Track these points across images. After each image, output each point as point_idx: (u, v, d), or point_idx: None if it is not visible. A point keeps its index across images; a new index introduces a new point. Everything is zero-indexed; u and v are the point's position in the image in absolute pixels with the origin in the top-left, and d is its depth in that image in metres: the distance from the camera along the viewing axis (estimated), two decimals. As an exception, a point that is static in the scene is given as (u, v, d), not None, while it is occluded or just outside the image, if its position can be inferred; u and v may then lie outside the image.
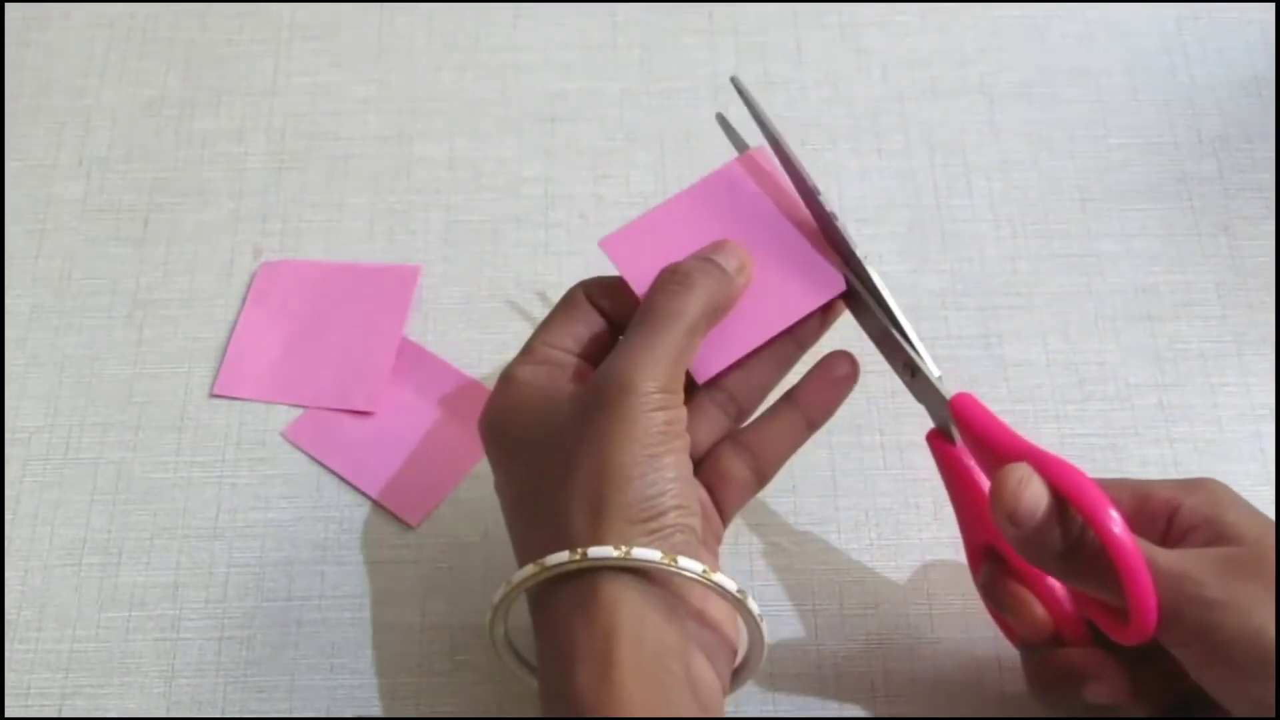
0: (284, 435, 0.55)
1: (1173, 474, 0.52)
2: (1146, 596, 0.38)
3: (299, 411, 0.55)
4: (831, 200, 0.46)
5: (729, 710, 0.48)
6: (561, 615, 0.40)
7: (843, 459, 0.53)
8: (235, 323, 0.57)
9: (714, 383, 0.45)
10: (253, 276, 0.58)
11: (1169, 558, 0.39)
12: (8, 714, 0.49)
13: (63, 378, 0.56)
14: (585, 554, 0.39)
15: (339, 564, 0.52)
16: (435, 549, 0.52)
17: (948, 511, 0.52)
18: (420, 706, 0.49)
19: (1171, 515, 0.42)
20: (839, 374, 0.47)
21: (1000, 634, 0.48)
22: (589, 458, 0.40)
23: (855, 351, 0.47)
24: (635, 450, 0.40)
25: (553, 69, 0.63)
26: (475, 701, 0.49)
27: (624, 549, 0.39)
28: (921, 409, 0.45)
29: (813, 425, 0.47)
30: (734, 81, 0.47)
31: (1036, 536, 0.39)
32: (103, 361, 0.56)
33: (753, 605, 0.42)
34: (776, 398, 0.48)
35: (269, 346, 0.56)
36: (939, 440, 0.45)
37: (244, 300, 0.58)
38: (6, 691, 0.49)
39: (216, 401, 0.55)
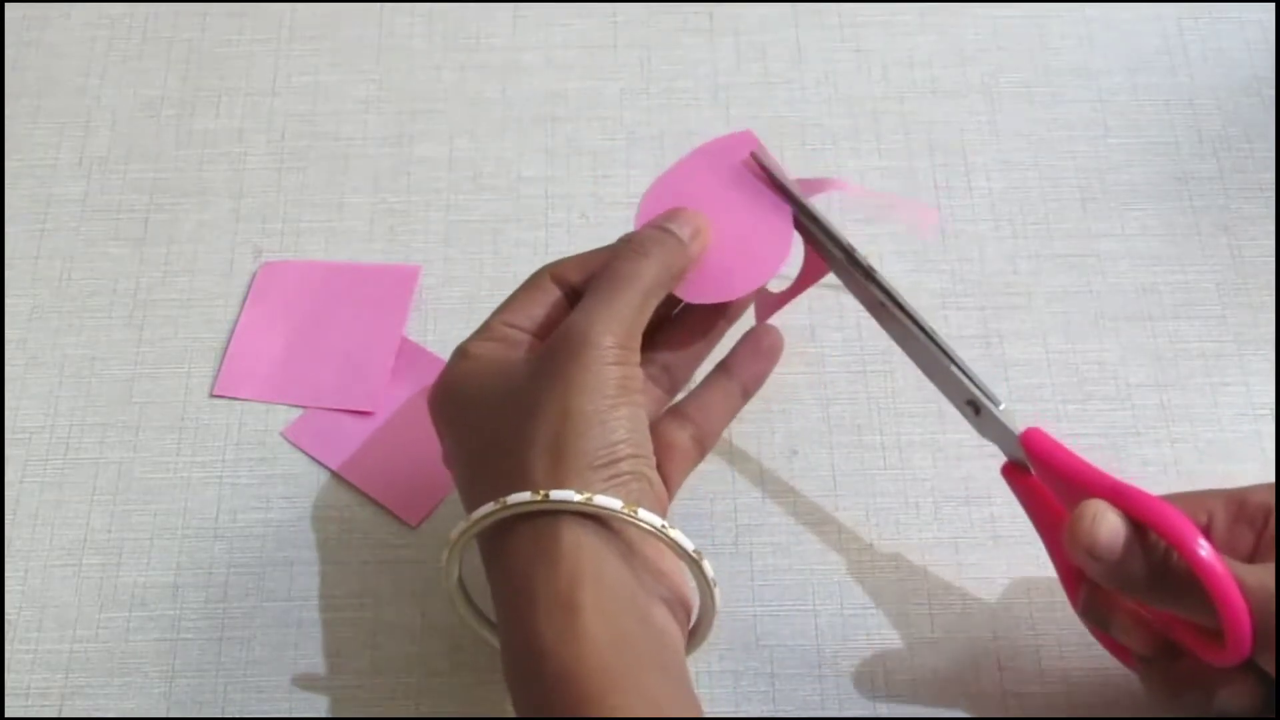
0: (284, 435, 0.55)
1: (1173, 474, 0.52)
2: (1240, 617, 0.38)
3: (299, 411, 0.55)
4: (868, 257, 0.47)
5: (729, 710, 0.48)
6: (520, 559, 0.41)
7: (843, 459, 0.53)
8: (235, 323, 0.57)
9: (649, 358, 0.47)
10: (253, 276, 0.58)
11: (1256, 575, 0.38)
12: (8, 714, 0.49)
13: (63, 378, 0.56)
14: (547, 495, 0.40)
15: (339, 564, 0.52)
16: (435, 549, 0.52)
17: (947, 511, 0.52)
18: (420, 707, 0.49)
19: (1267, 517, 0.42)
20: (766, 344, 0.50)
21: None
22: (550, 405, 0.41)
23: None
24: (596, 399, 0.41)
25: (553, 69, 0.63)
26: (475, 702, 0.49)
27: (586, 494, 0.40)
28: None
29: (747, 394, 0.50)
30: (755, 156, 0.48)
31: (1119, 568, 0.40)
32: (103, 361, 0.56)
33: (707, 568, 0.42)
34: (707, 372, 0.50)
35: (269, 346, 0.56)
36: (1015, 473, 0.45)
37: (244, 300, 0.58)
38: (6, 691, 0.49)
39: (216, 401, 0.55)
